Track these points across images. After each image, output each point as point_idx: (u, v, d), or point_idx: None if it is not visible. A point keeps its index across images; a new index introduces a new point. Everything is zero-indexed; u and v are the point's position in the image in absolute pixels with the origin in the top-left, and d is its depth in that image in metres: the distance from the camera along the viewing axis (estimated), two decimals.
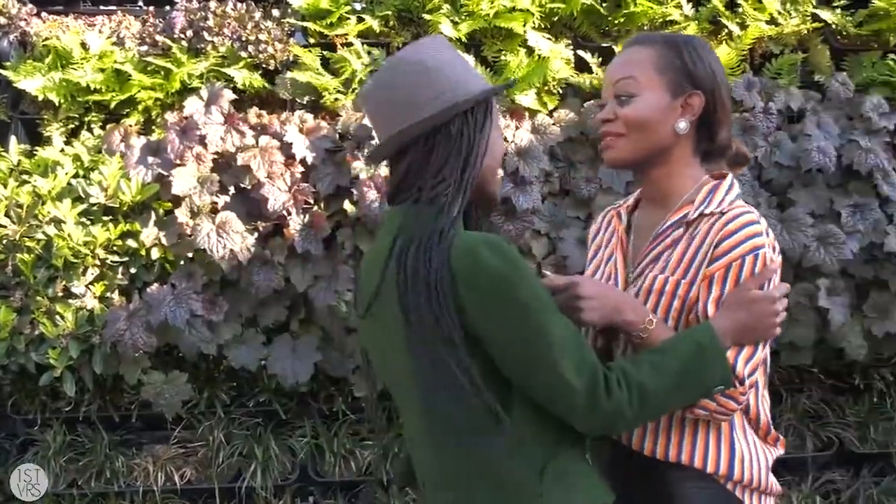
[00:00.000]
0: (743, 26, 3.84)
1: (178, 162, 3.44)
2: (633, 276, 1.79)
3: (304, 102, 3.72)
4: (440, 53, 1.59)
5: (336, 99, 3.64)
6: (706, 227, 1.70)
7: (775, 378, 3.92)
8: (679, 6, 3.89)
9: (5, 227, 3.28)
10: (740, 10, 3.87)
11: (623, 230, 1.90)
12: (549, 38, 3.77)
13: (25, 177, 3.49)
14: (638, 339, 1.65)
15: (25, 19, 3.84)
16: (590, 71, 3.76)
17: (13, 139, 3.60)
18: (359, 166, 3.44)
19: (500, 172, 1.72)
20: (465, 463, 1.54)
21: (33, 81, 3.62)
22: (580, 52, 3.78)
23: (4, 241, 3.28)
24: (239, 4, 3.86)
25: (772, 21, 3.90)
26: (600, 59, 3.78)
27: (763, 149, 3.63)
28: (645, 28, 3.92)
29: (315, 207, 3.48)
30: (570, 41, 3.86)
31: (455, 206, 1.54)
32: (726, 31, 3.87)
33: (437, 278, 1.43)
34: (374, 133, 3.18)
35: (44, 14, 3.97)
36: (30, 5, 3.93)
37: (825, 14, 3.93)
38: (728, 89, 1.80)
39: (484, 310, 1.44)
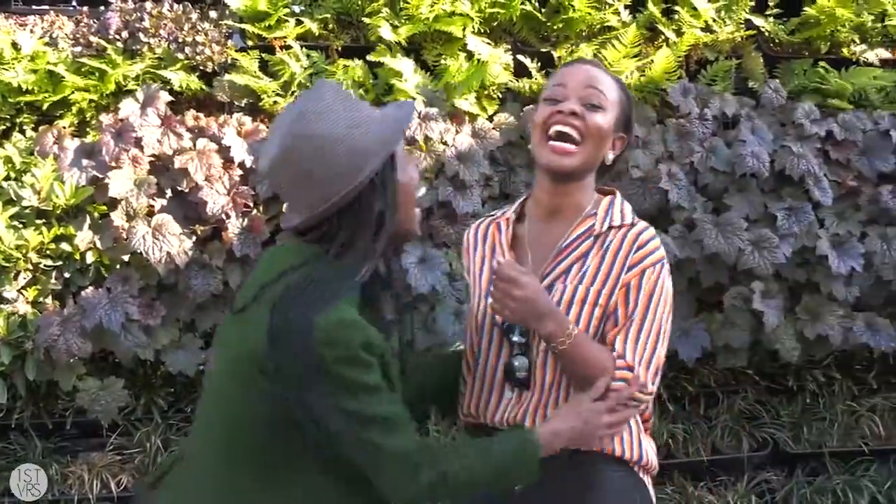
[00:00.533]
0: (679, 33, 3.91)
1: (113, 164, 3.38)
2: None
3: (243, 105, 3.70)
4: (336, 115, 1.57)
5: (275, 102, 3.61)
6: (618, 238, 1.82)
7: (712, 380, 3.99)
8: (617, 12, 3.95)
9: None
10: (677, 16, 3.94)
11: (506, 243, 1.93)
12: (488, 43, 3.79)
13: None
14: (556, 351, 1.75)
15: None
16: (529, 76, 3.78)
17: None
18: None
19: (418, 211, 1.73)
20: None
21: None
22: (519, 57, 3.82)
23: None
24: (175, 6, 3.82)
25: (707, 28, 3.98)
26: (539, 63, 3.81)
27: (699, 154, 3.69)
28: (583, 34, 3.97)
29: (254, 211, 3.45)
30: (509, 46, 3.89)
31: (358, 273, 1.57)
32: (663, 37, 3.93)
33: (296, 338, 1.48)
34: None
35: None
36: None
37: (758, 21, 4.02)
38: None
39: (320, 379, 1.49)
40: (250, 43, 3.80)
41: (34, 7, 4.09)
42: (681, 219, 3.64)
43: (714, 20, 3.98)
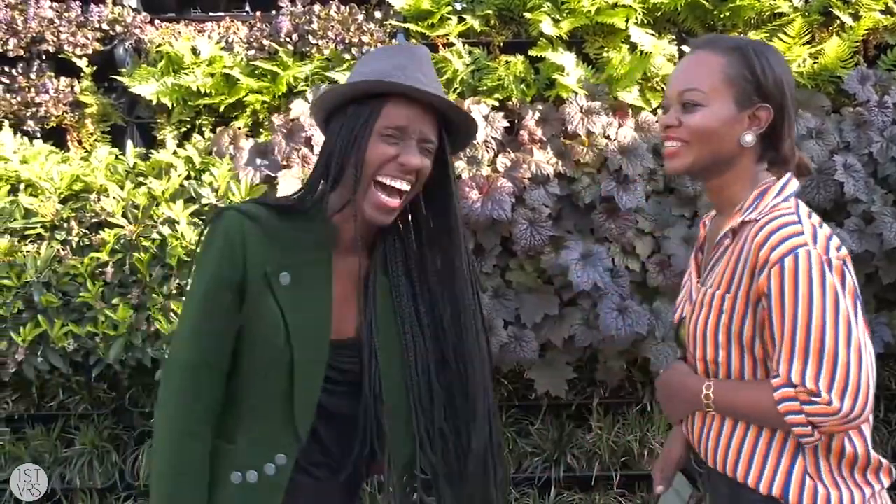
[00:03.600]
0: (856, 17, 3.72)
1: (284, 163, 3.51)
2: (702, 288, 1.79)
3: None
4: (378, 53, 1.71)
5: None
6: (748, 235, 1.66)
7: (893, 382, 3.78)
8: None
9: (123, 227, 3.40)
10: (853, 0, 3.74)
11: (703, 239, 1.92)
12: (652, 34, 3.71)
13: (141, 179, 3.61)
14: (708, 410, 1.74)
15: (140, 27, 3.99)
16: None
17: (129, 143, 3.74)
18: (460, 166, 3.46)
19: (383, 197, 1.63)
20: None
21: (148, 87, 3.75)
22: (684, 48, 3.72)
23: (122, 241, 3.41)
24: (342, 7, 3.93)
25: (887, 10, 3.77)
26: None
27: (878, 144, 3.51)
28: (752, 21, 3.83)
29: None
30: (673, 36, 3.80)
31: (310, 194, 1.66)
32: (838, 22, 3.75)
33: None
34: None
35: (157, 22, 4.12)
36: (144, 13, 4.08)
37: None
38: (794, 100, 1.77)
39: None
40: (413, 41, 3.86)
41: (211, 14, 4.29)
42: (858, 212, 3.47)
43: (895, 2, 3.77)
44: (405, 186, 1.61)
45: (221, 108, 3.76)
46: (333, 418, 1.67)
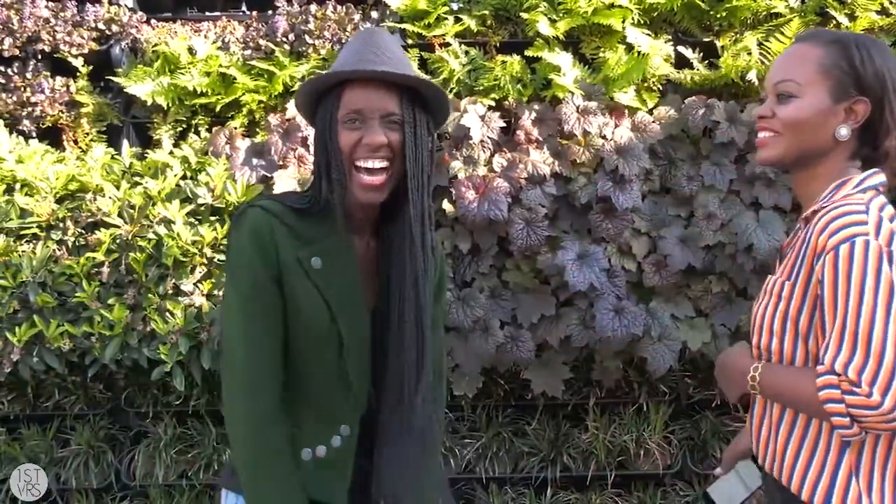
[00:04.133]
0: (852, 17, 3.72)
1: (280, 163, 3.51)
2: None
3: None
4: (352, 40, 1.74)
5: None
6: (812, 224, 1.65)
7: None
8: None
9: (119, 227, 3.40)
10: (849, 0, 3.75)
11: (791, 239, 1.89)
12: (648, 34, 3.71)
13: (137, 178, 3.60)
14: (753, 392, 1.76)
15: (136, 27, 3.98)
16: (690, 66, 3.69)
17: (125, 143, 3.74)
18: (457, 166, 3.46)
19: (367, 179, 1.68)
20: None
21: (143, 86, 3.75)
22: (680, 48, 3.72)
23: (118, 241, 3.40)
24: (339, 7, 3.92)
25: (883, 11, 3.76)
26: (701, 54, 3.71)
27: None
28: (748, 22, 3.83)
29: None
30: (670, 37, 3.80)
31: (317, 197, 1.71)
32: (834, 22, 3.75)
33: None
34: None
35: (153, 21, 4.11)
36: (140, 13, 4.07)
37: None
38: None
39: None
40: (410, 42, 3.86)
41: (207, 13, 4.29)
42: None
43: (891, 2, 3.77)
44: (381, 164, 1.67)
45: (218, 108, 3.76)
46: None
